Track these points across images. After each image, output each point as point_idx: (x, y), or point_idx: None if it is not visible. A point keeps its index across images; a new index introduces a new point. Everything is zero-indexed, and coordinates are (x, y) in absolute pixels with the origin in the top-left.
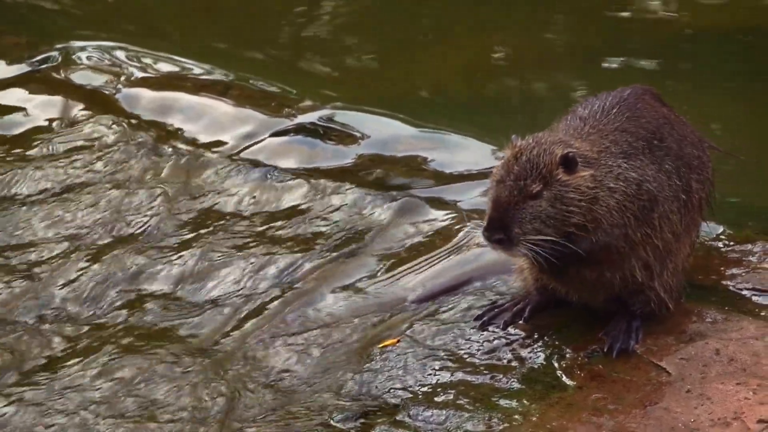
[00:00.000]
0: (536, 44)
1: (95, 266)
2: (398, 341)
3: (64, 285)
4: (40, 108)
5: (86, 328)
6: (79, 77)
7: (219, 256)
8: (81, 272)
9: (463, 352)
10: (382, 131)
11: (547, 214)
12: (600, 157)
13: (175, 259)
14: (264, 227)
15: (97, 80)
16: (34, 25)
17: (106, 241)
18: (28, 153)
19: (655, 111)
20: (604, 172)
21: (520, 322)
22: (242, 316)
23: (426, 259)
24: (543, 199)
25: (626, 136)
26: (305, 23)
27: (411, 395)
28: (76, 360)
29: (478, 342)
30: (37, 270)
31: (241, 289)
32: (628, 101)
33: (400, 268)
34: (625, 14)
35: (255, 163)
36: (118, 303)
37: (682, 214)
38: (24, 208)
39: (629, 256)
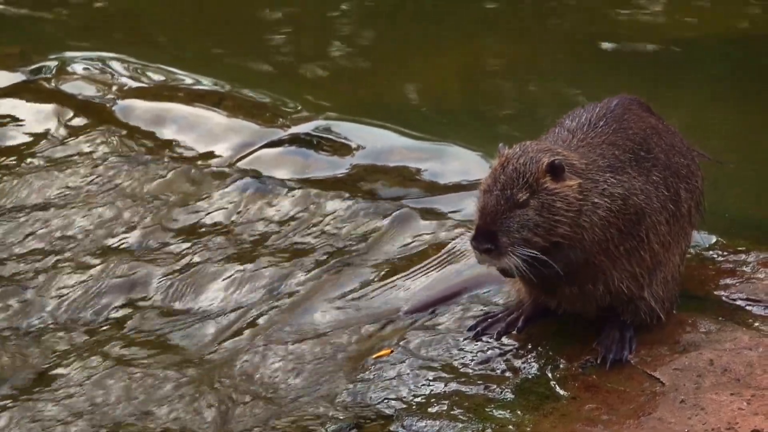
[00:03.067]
0: (529, 53)
1: (88, 277)
2: (392, 352)
3: (56, 296)
4: (33, 118)
5: (78, 339)
6: (72, 87)
7: (212, 267)
8: (74, 283)
9: (456, 362)
10: (376, 141)
11: (534, 222)
12: (587, 169)
13: (169, 270)
14: (257, 238)
15: (91, 91)
16: (27, 35)
17: (99, 252)
18: (21, 163)
19: (642, 121)
20: (591, 185)
21: (514, 332)
22: (235, 326)
23: (419, 270)
24: (530, 208)
25: (613, 149)
26: (298, 34)
27: (405, 406)
28: (69, 370)
29: (471, 352)
30: (30, 280)
31: (235, 299)
32: (615, 112)
33: (394, 279)
34: (618, 22)
35: (249, 174)
36: (111, 314)
37: (671, 224)
38: (17, 218)
39: (609, 269)
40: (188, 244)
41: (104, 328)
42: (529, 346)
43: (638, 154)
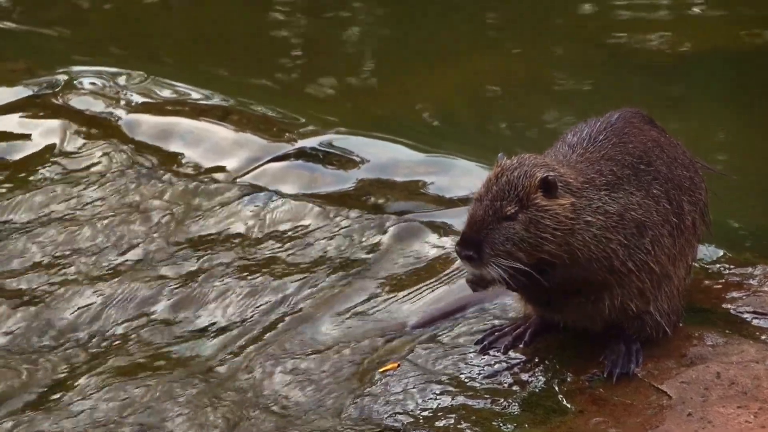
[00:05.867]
0: (536, 67)
1: (96, 291)
2: (399, 365)
3: (65, 310)
4: (40, 134)
5: (86, 352)
6: (78, 103)
7: (219, 281)
8: (82, 297)
9: (464, 376)
10: (382, 156)
11: (520, 237)
12: (583, 188)
13: (176, 284)
14: (264, 252)
15: (97, 106)
16: (33, 50)
17: (107, 266)
18: (28, 179)
19: (643, 135)
20: (585, 203)
21: (521, 346)
22: (242, 340)
23: (426, 284)
24: (517, 222)
25: (611, 165)
26: (305, 48)
27: (412, 419)
28: (76, 385)
29: (478, 366)
30: (38, 295)
31: (242, 313)
32: (615, 126)
33: (401, 293)
34: (623, 36)
35: (255, 188)
36: (119, 327)
37: (675, 237)
38: (25, 233)
39: (614, 287)
40: (195, 259)
41: (111, 341)
42: (536, 360)
43: (638, 168)
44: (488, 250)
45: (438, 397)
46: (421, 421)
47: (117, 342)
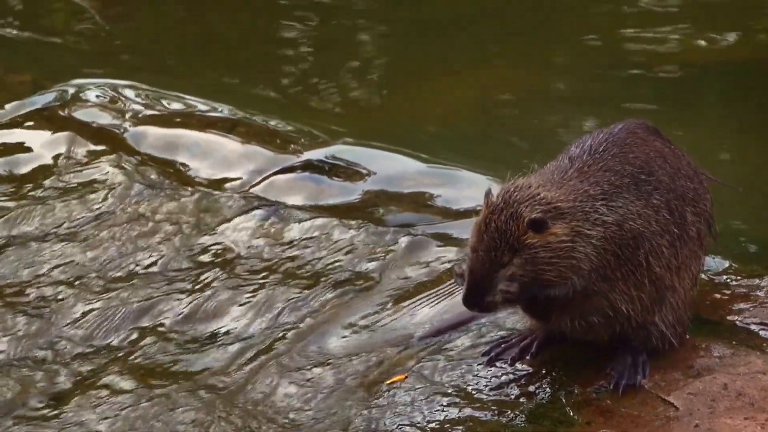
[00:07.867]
0: (543, 78)
1: (103, 304)
2: (406, 377)
3: (72, 322)
4: (46, 146)
5: (94, 364)
6: (85, 115)
7: (226, 293)
8: (89, 310)
9: (470, 388)
10: (389, 167)
11: (520, 275)
12: (575, 205)
13: (183, 296)
14: (271, 264)
15: (104, 118)
16: (40, 63)
17: (113, 279)
18: (34, 191)
19: (646, 145)
20: (580, 219)
21: (528, 357)
22: (249, 352)
23: (433, 295)
24: (513, 266)
25: (609, 176)
26: (311, 60)
27: (419, 431)
28: (84, 396)
29: (485, 378)
30: (45, 308)
31: (248, 325)
32: (617, 137)
33: (407, 305)
34: (628, 47)
35: (262, 200)
36: (126, 340)
37: (676, 248)
38: (32, 246)
39: (608, 292)
40: (201, 271)
41: (117, 354)
42: (543, 372)
43: (638, 178)
44: (491, 299)
45: (445, 408)
46: None
47: (123, 354)
